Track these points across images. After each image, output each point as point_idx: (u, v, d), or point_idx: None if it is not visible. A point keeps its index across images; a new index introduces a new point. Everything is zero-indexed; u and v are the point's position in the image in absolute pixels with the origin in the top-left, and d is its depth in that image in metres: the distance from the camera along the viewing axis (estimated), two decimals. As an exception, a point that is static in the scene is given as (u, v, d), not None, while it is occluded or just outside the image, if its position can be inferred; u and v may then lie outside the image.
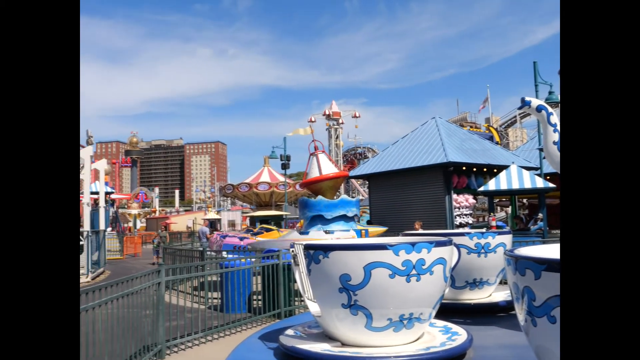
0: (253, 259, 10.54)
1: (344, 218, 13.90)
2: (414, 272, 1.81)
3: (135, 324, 6.93)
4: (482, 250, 2.38)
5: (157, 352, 7.49)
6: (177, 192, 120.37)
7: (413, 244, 1.86)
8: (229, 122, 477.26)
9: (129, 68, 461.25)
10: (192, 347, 8.20)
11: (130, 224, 49.41)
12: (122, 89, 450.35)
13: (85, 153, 22.16)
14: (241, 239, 16.49)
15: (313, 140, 15.10)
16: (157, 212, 75.43)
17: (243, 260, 10.53)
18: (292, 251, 2.36)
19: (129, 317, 6.71)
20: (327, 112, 71.62)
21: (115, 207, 44.24)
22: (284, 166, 32.77)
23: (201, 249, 15.86)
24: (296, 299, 10.60)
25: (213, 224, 37.32)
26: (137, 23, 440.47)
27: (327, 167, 14.97)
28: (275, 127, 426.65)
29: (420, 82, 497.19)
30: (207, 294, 10.93)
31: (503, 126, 64.77)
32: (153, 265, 21.91)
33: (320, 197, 14.77)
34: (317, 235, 12.80)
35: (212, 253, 14.51)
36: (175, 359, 7.66)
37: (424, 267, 1.82)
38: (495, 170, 20.62)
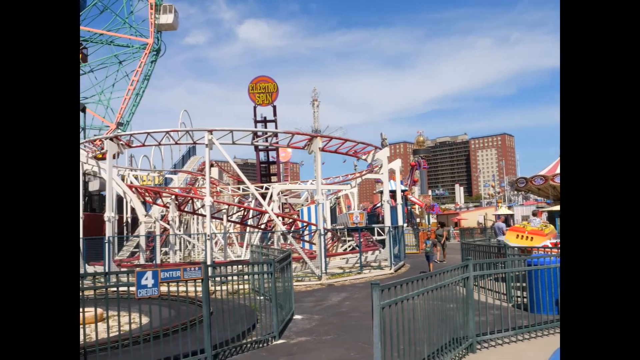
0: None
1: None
2: None
3: (447, 315, 7.20)
4: None
5: (468, 346, 7.63)
6: (460, 188, 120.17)
7: None
8: (515, 112, 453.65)
9: (412, 71, 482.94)
10: (502, 344, 8.09)
11: (424, 220, 51.61)
12: (407, 91, 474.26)
13: (382, 155, 24.05)
14: None
15: None
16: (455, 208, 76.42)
17: (551, 258, 9.87)
18: None
19: (442, 309, 7.02)
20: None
21: (408, 203, 46.83)
22: (586, 155, 29.41)
23: (497, 245, 15.47)
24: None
25: (506, 220, 36.01)
26: (415, 25, 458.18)
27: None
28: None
29: None
30: (512, 292, 10.61)
31: None
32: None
33: None
34: None
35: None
36: (487, 354, 7.66)
37: None
38: None
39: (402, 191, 31.61)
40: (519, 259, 10.19)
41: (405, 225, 35.69)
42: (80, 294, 7.09)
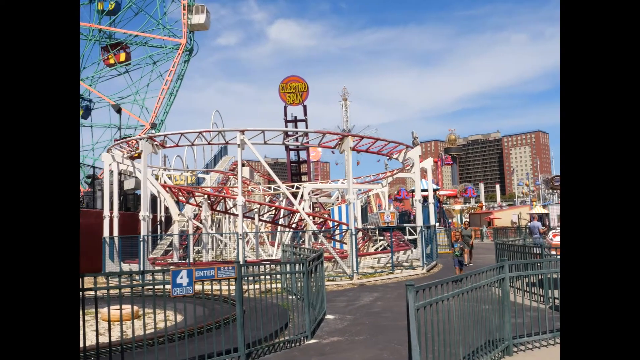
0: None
1: None
2: None
3: (482, 317, 7.07)
4: None
5: (504, 348, 7.48)
6: (497, 186, 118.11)
7: None
8: (549, 108, 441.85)
9: (444, 68, 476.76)
10: (539, 347, 7.90)
11: (455, 219, 50.91)
12: (438, 89, 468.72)
13: (414, 154, 23.78)
14: None
15: None
16: (484, 207, 75.21)
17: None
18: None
19: (477, 310, 6.89)
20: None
21: (440, 203, 46.29)
22: (625, 152, 28.50)
23: (534, 245, 15.13)
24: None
25: (541, 219, 35.23)
26: (447, 24, 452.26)
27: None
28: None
29: None
30: (549, 293, 10.34)
31: None
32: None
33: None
34: None
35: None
36: (524, 357, 7.49)
37: None
38: None
39: (434, 190, 31.22)
40: (557, 259, 9.93)
41: (438, 224, 35.30)
42: (117, 291, 7.23)
